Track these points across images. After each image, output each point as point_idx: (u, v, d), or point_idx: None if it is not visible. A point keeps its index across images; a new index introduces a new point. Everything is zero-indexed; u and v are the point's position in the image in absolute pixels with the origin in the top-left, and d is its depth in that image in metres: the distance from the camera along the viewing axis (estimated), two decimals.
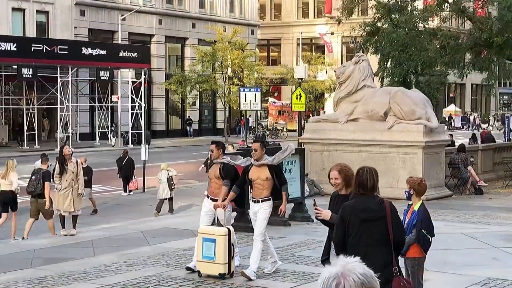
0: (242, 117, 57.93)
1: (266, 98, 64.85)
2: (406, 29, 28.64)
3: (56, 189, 15.68)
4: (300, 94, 28.97)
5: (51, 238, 15.32)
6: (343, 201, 7.25)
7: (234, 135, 56.78)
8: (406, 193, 8.80)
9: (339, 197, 7.60)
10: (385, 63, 30.01)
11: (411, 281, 7.76)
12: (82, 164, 19.18)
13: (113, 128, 47.80)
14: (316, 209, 7.58)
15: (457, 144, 25.05)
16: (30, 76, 40.49)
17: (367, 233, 6.91)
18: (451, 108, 74.50)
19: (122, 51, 46.30)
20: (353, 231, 6.91)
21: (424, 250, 8.63)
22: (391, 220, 6.95)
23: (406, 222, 8.51)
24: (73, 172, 15.51)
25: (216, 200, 11.26)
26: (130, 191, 25.02)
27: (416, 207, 8.67)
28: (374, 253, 6.78)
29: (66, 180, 15.48)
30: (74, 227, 15.87)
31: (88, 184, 19.53)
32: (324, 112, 61.75)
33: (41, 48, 41.34)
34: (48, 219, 15.89)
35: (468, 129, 63.09)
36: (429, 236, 8.57)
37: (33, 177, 15.76)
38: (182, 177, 26.32)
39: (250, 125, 57.42)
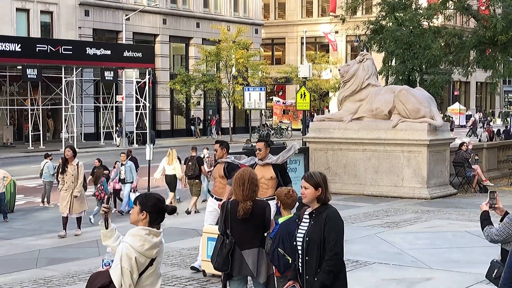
0: (214, 117, 57.48)
1: (271, 97, 64.88)
2: (411, 27, 28.66)
3: (59, 189, 15.76)
4: (304, 93, 28.95)
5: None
6: None
7: (205, 137, 54.24)
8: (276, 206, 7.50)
9: None
10: (390, 61, 30.03)
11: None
12: None
13: (117, 128, 47.84)
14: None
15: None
16: (35, 77, 40.57)
17: None
18: (455, 106, 74.27)
19: (126, 51, 46.36)
20: None
21: (279, 271, 7.39)
22: None
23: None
24: (72, 175, 15.50)
25: (220, 200, 11.24)
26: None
27: (281, 220, 7.48)
28: None
29: (66, 182, 15.50)
30: (79, 228, 15.89)
31: None
32: (329, 111, 61.73)
33: (46, 48, 41.41)
34: (194, 196, 19.42)
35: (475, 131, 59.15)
36: (288, 258, 7.03)
37: (190, 163, 19.43)
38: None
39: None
